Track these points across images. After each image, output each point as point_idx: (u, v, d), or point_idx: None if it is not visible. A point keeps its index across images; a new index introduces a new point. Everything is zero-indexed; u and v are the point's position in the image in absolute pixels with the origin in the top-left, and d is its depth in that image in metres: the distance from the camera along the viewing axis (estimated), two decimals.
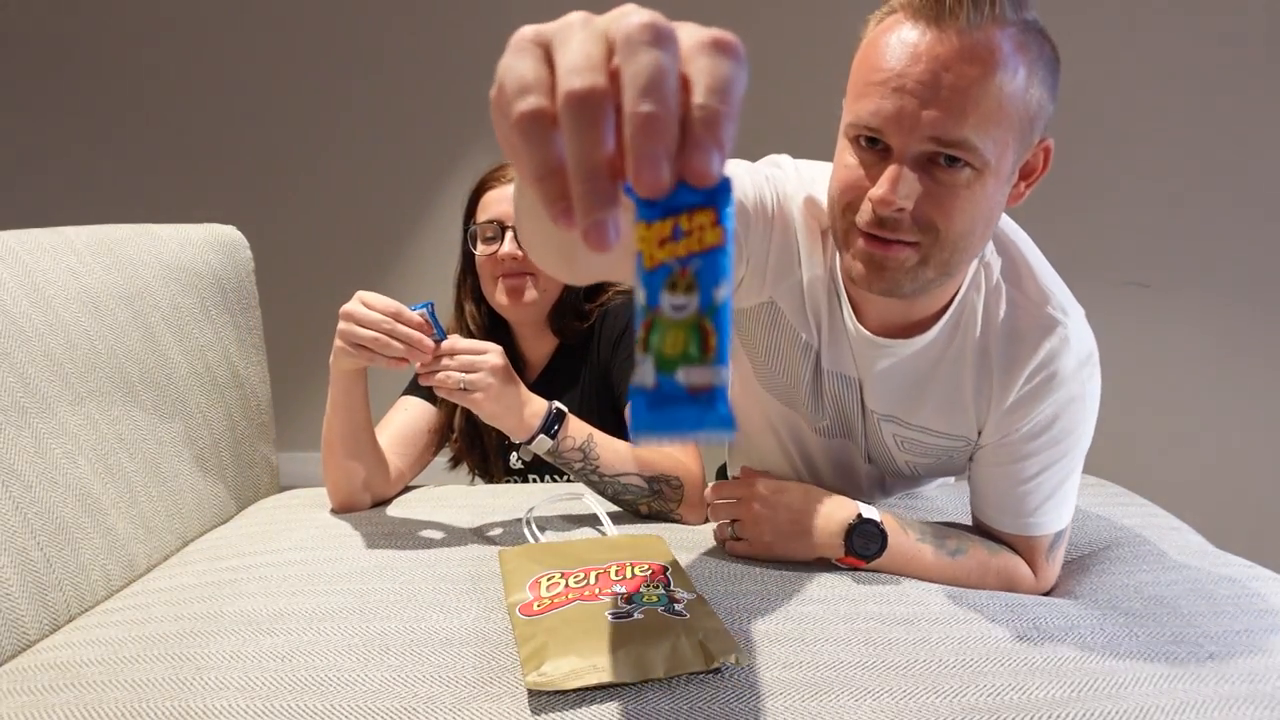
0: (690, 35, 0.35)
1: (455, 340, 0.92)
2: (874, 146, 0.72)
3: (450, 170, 2.48)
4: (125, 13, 2.47)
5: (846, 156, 0.75)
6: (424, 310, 0.91)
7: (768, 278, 0.86)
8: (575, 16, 0.37)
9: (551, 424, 0.97)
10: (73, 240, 1.03)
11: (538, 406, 0.97)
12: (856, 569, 0.86)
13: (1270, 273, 2.17)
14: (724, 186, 0.34)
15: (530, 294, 1.20)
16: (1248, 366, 2.21)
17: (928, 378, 0.87)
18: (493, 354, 0.93)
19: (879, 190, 0.70)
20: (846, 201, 0.74)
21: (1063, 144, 2.25)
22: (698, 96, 0.33)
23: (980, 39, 0.67)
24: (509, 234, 1.18)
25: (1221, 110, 2.12)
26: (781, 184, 0.86)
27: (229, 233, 1.27)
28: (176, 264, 1.15)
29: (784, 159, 0.91)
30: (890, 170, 0.70)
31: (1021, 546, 0.90)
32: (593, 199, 0.33)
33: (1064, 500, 0.88)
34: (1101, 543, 1.00)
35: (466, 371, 0.91)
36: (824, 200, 0.82)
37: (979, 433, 0.88)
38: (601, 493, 1.03)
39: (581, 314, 1.25)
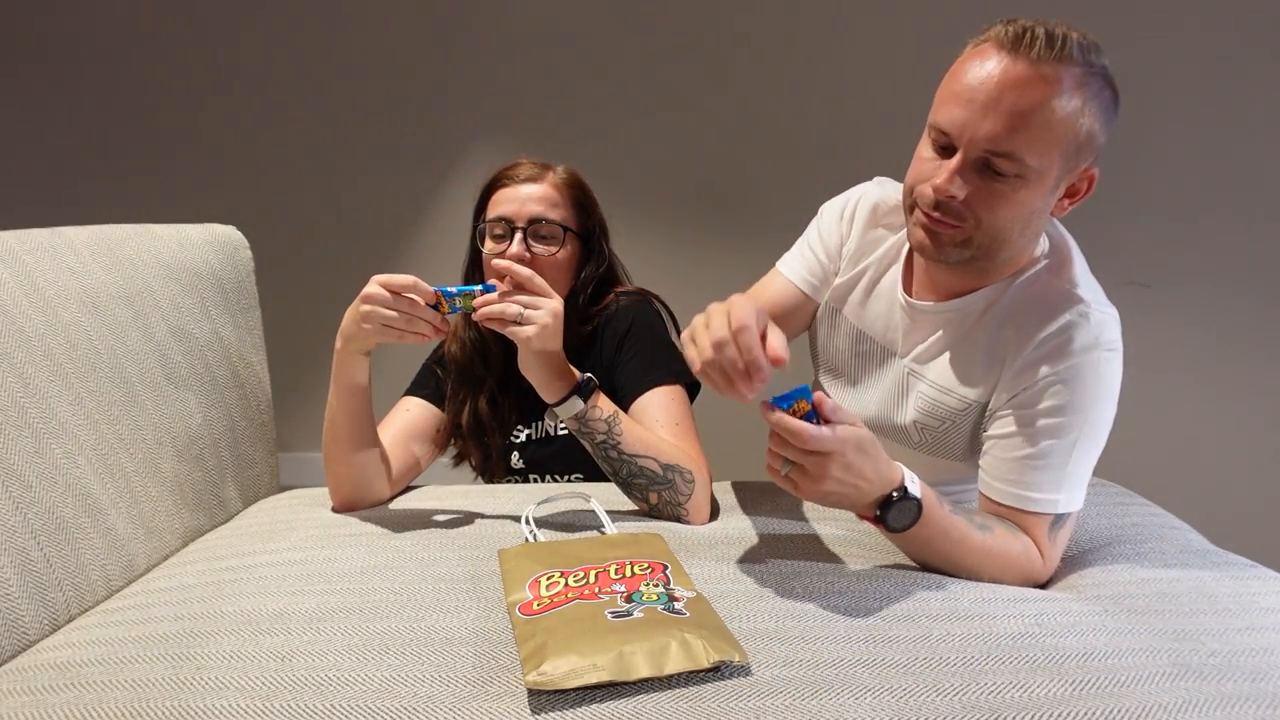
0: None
1: (534, 274, 0.98)
2: (944, 145, 0.87)
3: (450, 170, 2.47)
4: (125, 12, 2.47)
5: (924, 150, 0.90)
6: (440, 291, 0.96)
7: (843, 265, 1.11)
8: (715, 306, 0.82)
9: (586, 389, 1.00)
10: (73, 240, 1.03)
11: (573, 371, 1.01)
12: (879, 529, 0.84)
13: (1271, 273, 2.16)
14: (801, 390, 0.76)
15: None
16: (1248, 367, 2.20)
17: (949, 337, 0.98)
18: (558, 301, 0.98)
19: (939, 179, 0.86)
20: (916, 184, 0.90)
21: None
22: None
23: (1045, 70, 0.81)
24: (518, 235, 1.18)
25: (1222, 110, 2.12)
26: (847, 216, 1.11)
27: (229, 233, 1.27)
28: (176, 264, 1.15)
29: (829, 207, 1.15)
30: (950, 165, 0.85)
31: (1020, 522, 0.90)
32: (735, 388, 0.77)
33: (1066, 482, 0.89)
34: (1103, 541, 1.00)
35: (530, 308, 0.95)
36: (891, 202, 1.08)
37: (990, 397, 0.95)
38: (615, 474, 1.03)
39: (585, 317, 1.25)
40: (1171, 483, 1.57)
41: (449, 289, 0.96)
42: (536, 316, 0.95)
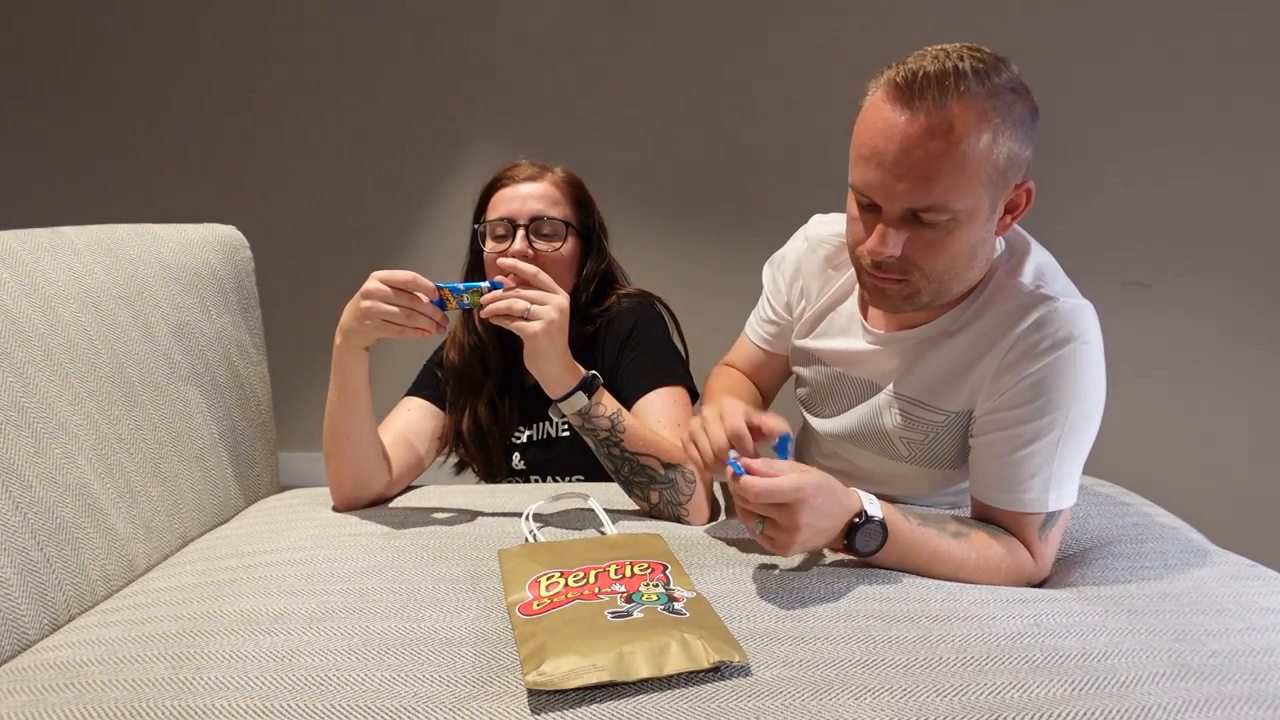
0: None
1: (540, 270, 0.98)
2: (868, 204, 0.87)
3: (450, 169, 2.47)
4: (125, 12, 2.47)
5: (852, 208, 0.91)
6: (447, 288, 0.96)
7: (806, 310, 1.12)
8: (708, 411, 0.91)
9: (591, 385, 1.00)
10: (73, 240, 1.03)
11: (578, 367, 1.01)
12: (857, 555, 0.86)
13: (1270, 272, 2.16)
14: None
15: None
16: (1248, 366, 2.20)
17: (920, 356, 0.98)
18: (563, 296, 0.98)
19: (870, 243, 0.87)
20: (855, 247, 0.91)
21: (1063, 145, 2.24)
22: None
23: (945, 117, 0.79)
24: (520, 232, 1.18)
25: (1222, 110, 2.12)
26: (785, 271, 1.13)
27: (229, 233, 1.27)
28: (176, 264, 1.15)
29: (781, 255, 1.16)
30: (879, 228, 0.86)
31: (1013, 523, 0.91)
32: (708, 473, 0.96)
33: (1055, 480, 0.89)
34: (1103, 540, 1.00)
35: (536, 304, 0.95)
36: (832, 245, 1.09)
37: (972, 405, 0.95)
38: (617, 472, 1.03)
39: (587, 317, 1.25)
40: (1171, 483, 1.57)
41: (456, 285, 0.96)
42: (543, 312, 0.95)
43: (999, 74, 0.81)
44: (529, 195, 1.20)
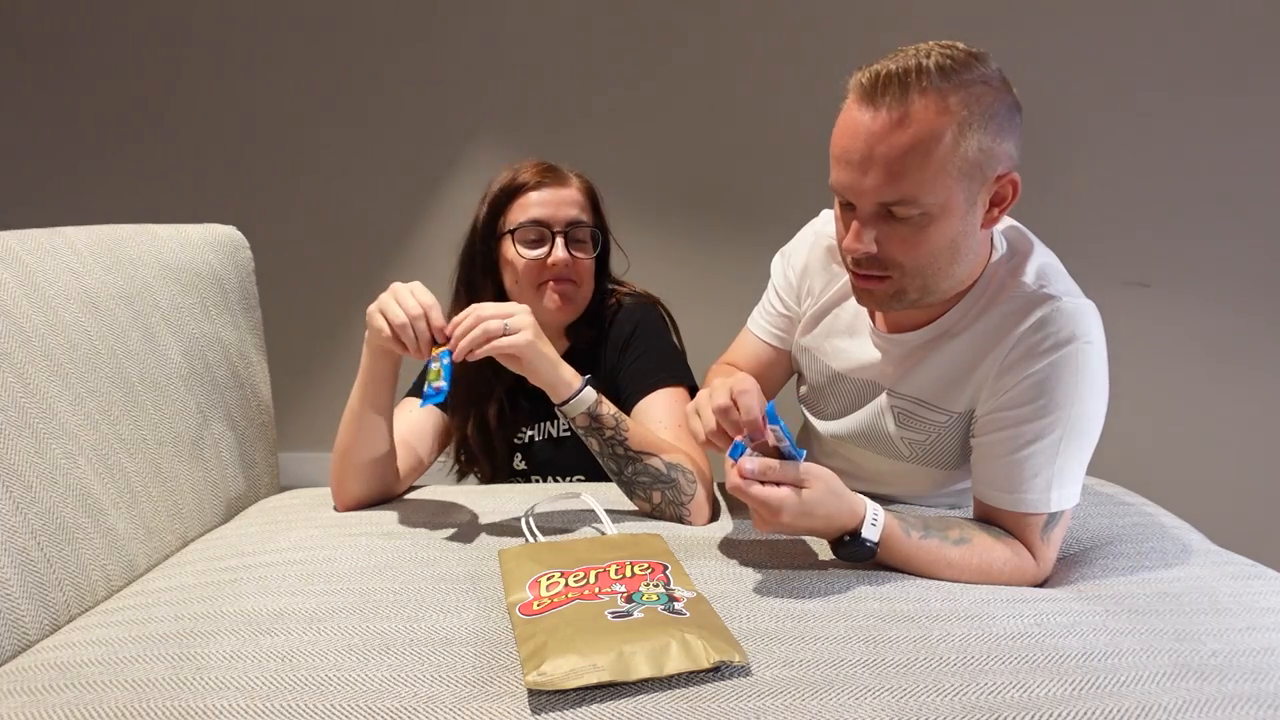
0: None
1: (473, 307, 0.94)
2: (845, 203, 0.89)
3: (450, 170, 2.47)
4: (125, 13, 2.47)
5: (837, 209, 0.93)
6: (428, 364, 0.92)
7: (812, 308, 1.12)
8: (718, 381, 0.86)
9: (590, 384, 0.99)
10: (73, 240, 1.03)
11: (573, 370, 1.00)
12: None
13: (1270, 272, 2.16)
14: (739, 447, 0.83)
15: (580, 296, 1.20)
16: (1248, 366, 2.20)
17: (923, 357, 0.98)
18: (521, 305, 0.96)
19: (847, 240, 0.89)
20: (841, 245, 0.93)
21: (1062, 145, 2.24)
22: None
23: (904, 111, 0.80)
24: (560, 240, 1.16)
25: (1220, 110, 2.12)
26: (795, 265, 1.13)
27: (229, 233, 1.27)
28: (176, 264, 1.15)
29: (789, 249, 1.16)
30: (854, 225, 0.87)
31: (1015, 524, 0.91)
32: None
33: (1057, 480, 0.89)
34: (1103, 540, 1.00)
35: (505, 317, 0.93)
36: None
37: (974, 405, 0.95)
38: (619, 473, 1.02)
39: (595, 320, 1.25)
40: (1171, 482, 1.57)
41: (433, 362, 0.92)
42: (517, 323, 0.93)
43: (969, 70, 0.81)
44: (562, 200, 1.19)
